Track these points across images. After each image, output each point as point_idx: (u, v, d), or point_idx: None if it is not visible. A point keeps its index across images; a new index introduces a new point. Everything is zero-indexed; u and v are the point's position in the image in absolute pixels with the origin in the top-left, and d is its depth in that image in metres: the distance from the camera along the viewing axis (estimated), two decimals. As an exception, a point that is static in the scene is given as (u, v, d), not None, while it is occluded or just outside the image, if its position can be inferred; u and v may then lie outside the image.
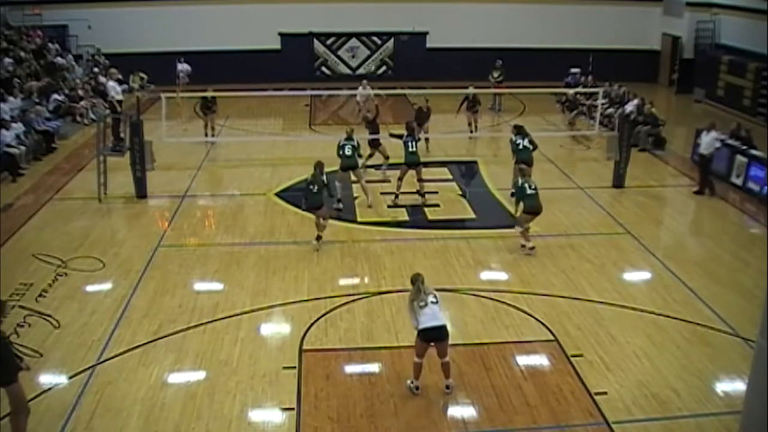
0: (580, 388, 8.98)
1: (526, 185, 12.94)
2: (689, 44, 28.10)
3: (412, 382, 8.87)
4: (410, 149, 15.32)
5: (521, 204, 13.03)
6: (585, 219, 14.86)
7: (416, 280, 8.77)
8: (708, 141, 16.27)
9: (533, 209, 12.87)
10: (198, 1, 28.32)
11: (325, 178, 13.11)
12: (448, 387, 8.83)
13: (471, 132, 20.72)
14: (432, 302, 8.61)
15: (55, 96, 22.19)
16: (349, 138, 15.26)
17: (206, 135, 20.34)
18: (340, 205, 15.07)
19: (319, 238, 13.11)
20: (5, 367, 7.53)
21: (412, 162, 15.42)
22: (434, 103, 20.53)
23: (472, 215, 15.19)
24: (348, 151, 14.99)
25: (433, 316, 8.52)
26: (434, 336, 8.53)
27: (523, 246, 12.96)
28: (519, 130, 15.71)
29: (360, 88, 22.39)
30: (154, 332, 10.26)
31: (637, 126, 19.71)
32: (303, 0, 28.78)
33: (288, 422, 8.38)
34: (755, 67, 24.00)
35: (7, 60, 22.76)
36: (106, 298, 11.32)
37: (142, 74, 27.06)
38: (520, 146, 15.31)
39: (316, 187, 12.92)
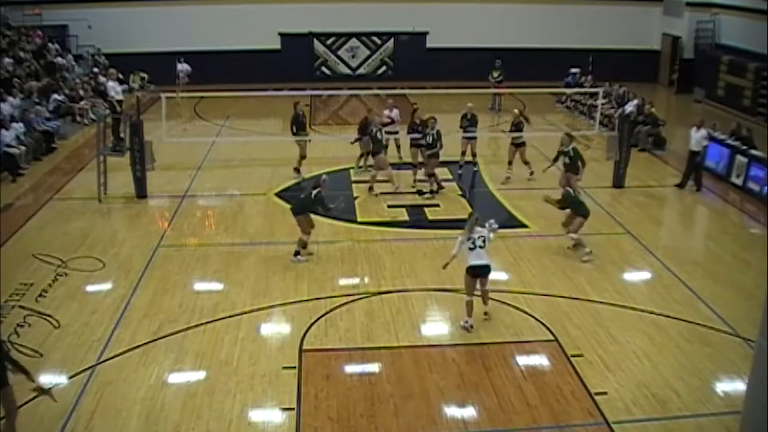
0: (580, 388, 8.98)
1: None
2: (689, 44, 28.11)
3: (466, 321, 10.28)
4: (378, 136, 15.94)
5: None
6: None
7: (471, 215, 10.72)
8: (698, 138, 16.34)
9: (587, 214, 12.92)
10: (198, 1, 28.34)
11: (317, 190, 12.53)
12: (486, 313, 10.50)
13: (463, 160, 19.53)
14: (480, 246, 10.28)
15: (55, 96, 22.20)
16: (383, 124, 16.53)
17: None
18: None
19: (302, 248, 12.73)
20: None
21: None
22: (434, 104, 20.53)
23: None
24: (378, 135, 16.03)
25: (478, 256, 10.27)
26: (480, 272, 10.32)
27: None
28: (572, 139, 15.21)
29: (386, 111, 18.95)
30: (154, 332, 10.26)
31: (637, 126, 19.71)
32: (303, 0, 28.79)
33: (288, 422, 8.38)
34: (755, 67, 24.00)
35: (7, 60, 22.77)
36: (106, 298, 11.32)
37: (143, 74, 27.06)
38: (571, 153, 14.89)
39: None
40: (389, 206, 15.47)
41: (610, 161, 16.85)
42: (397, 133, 18.01)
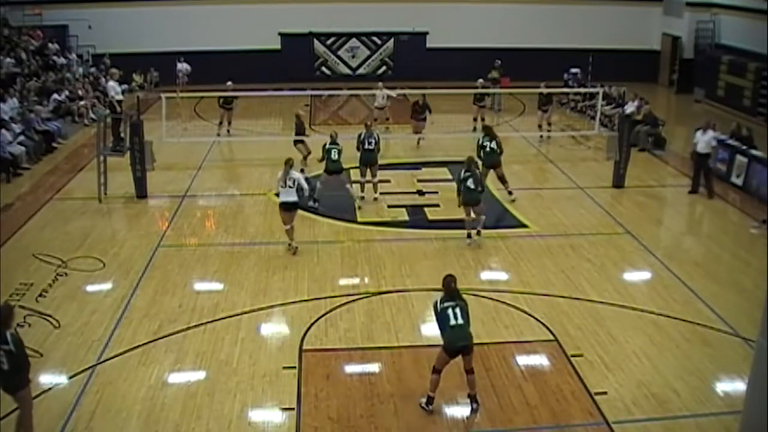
0: (580, 388, 8.98)
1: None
2: (689, 44, 28.08)
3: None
4: (333, 157, 14.94)
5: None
6: (585, 219, 14.86)
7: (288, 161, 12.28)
8: (706, 140, 16.22)
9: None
10: (198, 1, 28.33)
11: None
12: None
13: (474, 129, 20.62)
14: (290, 186, 11.97)
15: (55, 96, 22.21)
16: (334, 142, 15.18)
17: (220, 132, 20.84)
18: (317, 204, 15.10)
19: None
20: (21, 372, 7.54)
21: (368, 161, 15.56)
22: (434, 104, 20.54)
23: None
24: (334, 155, 14.93)
25: (287, 194, 12.39)
26: (290, 207, 12.39)
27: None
28: (487, 132, 15.67)
29: (378, 92, 21.44)
30: (154, 332, 10.27)
31: (636, 126, 19.71)
32: (303, 0, 28.78)
33: (288, 422, 8.38)
34: (755, 67, 23.98)
35: (8, 60, 22.78)
36: (106, 298, 11.32)
37: (155, 72, 27.48)
38: (487, 149, 15.24)
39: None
40: (389, 206, 15.47)
41: (610, 161, 16.85)
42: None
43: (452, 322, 8.27)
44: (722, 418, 8.39)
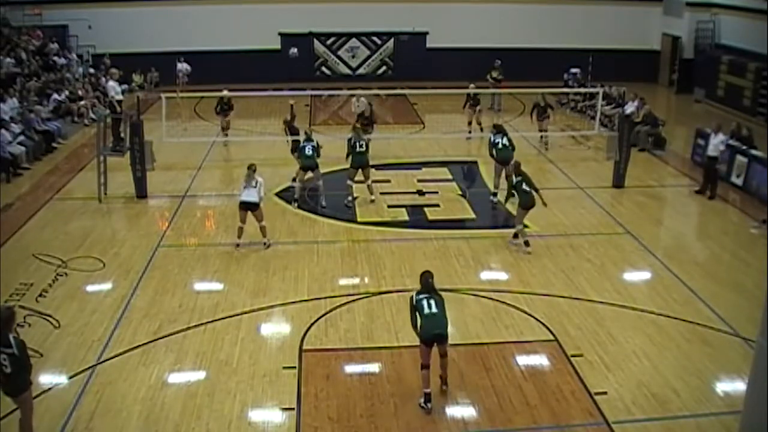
0: (580, 388, 8.98)
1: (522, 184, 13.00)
2: (689, 44, 28.08)
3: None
4: (307, 153, 15.11)
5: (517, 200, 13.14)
6: (585, 219, 14.86)
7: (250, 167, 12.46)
8: (716, 143, 16.28)
9: (528, 204, 13.01)
10: (198, 1, 28.33)
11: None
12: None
13: (470, 133, 20.71)
14: (252, 186, 12.36)
15: (55, 96, 22.21)
16: (309, 139, 15.45)
17: (223, 134, 20.60)
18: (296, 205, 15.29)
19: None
20: (23, 375, 7.54)
21: (361, 163, 15.32)
22: (434, 104, 20.55)
23: (472, 215, 15.19)
24: (308, 152, 15.11)
25: (248, 194, 12.66)
26: (248, 207, 12.66)
27: (520, 243, 13.00)
28: (498, 129, 15.72)
29: (354, 99, 21.11)
30: (154, 332, 10.27)
31: (636, 126, 19.71)
32: (303, 0, 28.78)
33: (288, 422, 8.38)
34: (755, 67, 23.98)
35: (8, 60, 22.78)
36: (106, 298, 11.32)
37: (155, 73, 27.44)
38: (500, 145, 15.28)
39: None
40: (389, 206, 15.47)
41: (610, 161, 16.85)
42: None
43: (426, 311, 8.53)
44: (722, 418, 8.39)
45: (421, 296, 8.66)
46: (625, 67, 27.04)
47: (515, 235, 13.31)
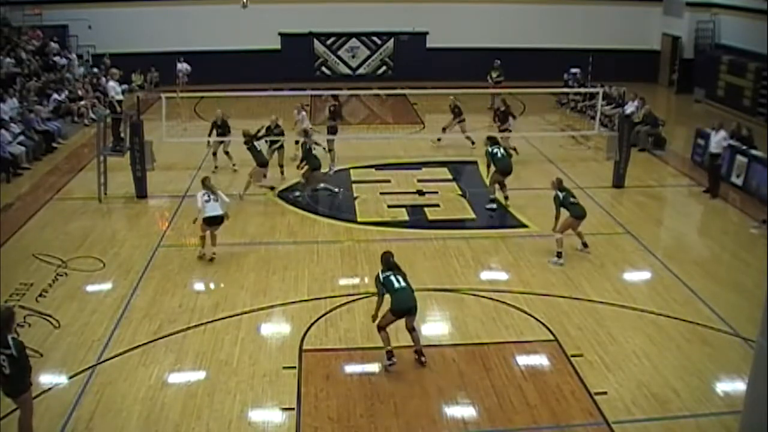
0: (580, 388, 8.98)
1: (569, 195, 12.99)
2: (689, 44, 28.09)
3: None
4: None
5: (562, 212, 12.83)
6: (585, 219, 14.82)
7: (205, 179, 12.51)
8: (717, 140, 16.33)
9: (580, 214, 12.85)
10: (198, 1, 28.33)
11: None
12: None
13: (439, 140, 20.27)
14: (215, 200, 12.16)
15: (55, 96, 22.21)
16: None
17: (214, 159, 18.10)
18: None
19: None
20: (23, 376, 7.54)
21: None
22: (433, 104, 20.53)
23: (472, 215, 15.19)
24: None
25: (213, 208, 12.30)
26: (217, 221, 12.34)
27: (559, 253, 12.68)
28: (493, 141, 15.70)
29: (295, 111, 19.55)
30: (154, 332, 10.26)
31: (636, 126, 19.71)
32: (303, 0, 28.78)
33: (288, 422, 8.38)
34: (755, 67, 23.98)
35: (8, 60, 22.77)
36: (106, 298, 11.32)
37: (155, 73, 27.40)
38: (498, 155, 15.25)
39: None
40: (389, 206, 15.47)
41: (610, 161, 16.85)
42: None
43: (396, 285, 9.24)
44: (722, 418, 8.39)
45: (387, 274, 9.35)
46: (625, 67, 27.04)
47: (558, 254, 12.72)
